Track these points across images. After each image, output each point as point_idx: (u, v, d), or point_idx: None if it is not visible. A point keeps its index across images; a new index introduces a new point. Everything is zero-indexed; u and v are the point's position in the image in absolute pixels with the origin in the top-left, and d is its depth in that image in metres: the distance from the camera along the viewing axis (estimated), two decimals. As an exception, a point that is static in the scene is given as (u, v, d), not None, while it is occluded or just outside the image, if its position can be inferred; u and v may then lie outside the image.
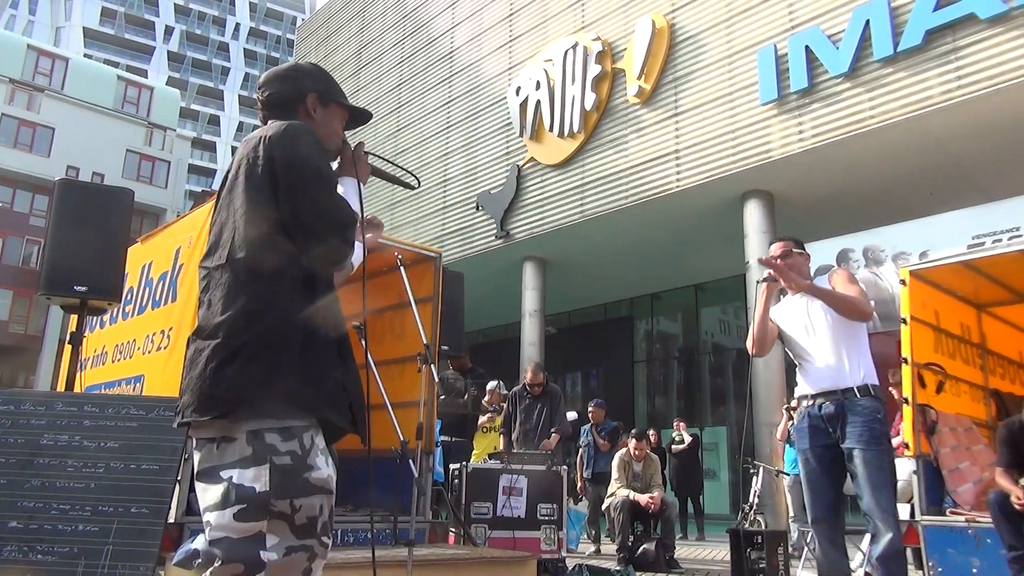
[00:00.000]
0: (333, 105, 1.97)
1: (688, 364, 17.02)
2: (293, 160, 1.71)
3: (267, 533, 1.54)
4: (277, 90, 1.93)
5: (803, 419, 3.51)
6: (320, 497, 1.60)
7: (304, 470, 1.59)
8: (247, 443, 1.58)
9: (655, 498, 6.96)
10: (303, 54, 21.93)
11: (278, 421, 1.59)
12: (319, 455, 1.63)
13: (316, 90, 1.94)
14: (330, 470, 1.65)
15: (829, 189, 10.80)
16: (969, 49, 8.57)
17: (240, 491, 1.55)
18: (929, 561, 4.46)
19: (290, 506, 1.56)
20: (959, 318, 5.54)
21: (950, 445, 4.86)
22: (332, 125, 1.96)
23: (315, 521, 1.59)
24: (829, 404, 3.39)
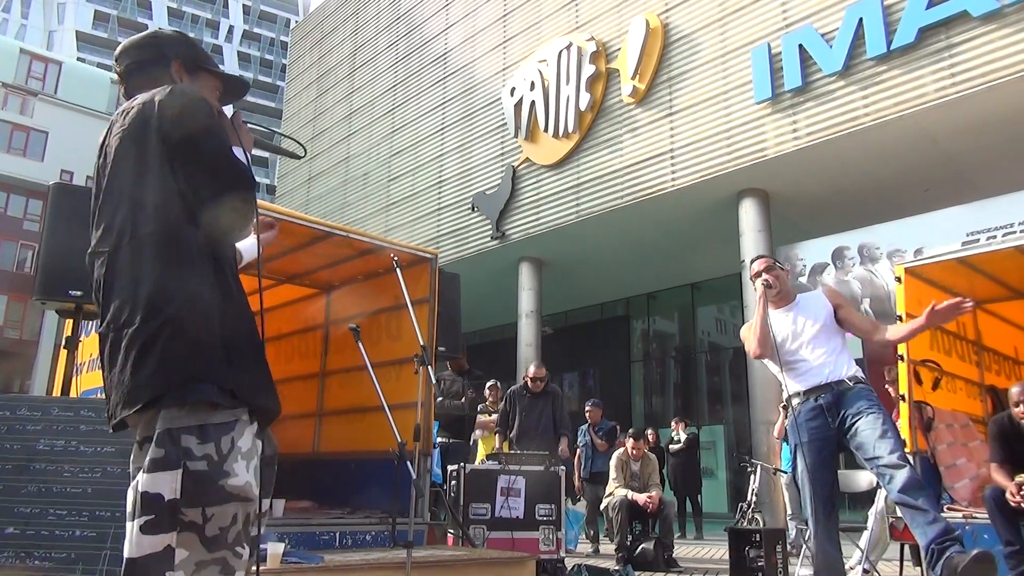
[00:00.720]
0: (202, 73, 1.81)
1: (685, 363, 17.04)
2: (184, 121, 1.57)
3: (176, 548, 1.41)
4: (136, 59, 1.77)
5: (800, 414, 3.63)
6: (235, 505, 1.47)
7: (220, 476, 1.46)
8: (159, 444, 1.45)
9: (653, 497, 6.96)
10: (297, 56, 21.91)
11: (197, 419, 1.46)
12: (238, 460, 1.49)
13: (180, 56, 1.78)
14: (249, 476, 1.51)
15: (824, 187, 10.82)
16: (962, 46, 8.60)
17: (145, 499, 1.42)
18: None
19: (202, 515, 1.43)
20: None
21: (947, 442, 4.87)
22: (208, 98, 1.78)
23: (227, 531, 1.46)
24: (826, 395, 3.59)
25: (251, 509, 1.52)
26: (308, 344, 6.49)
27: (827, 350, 3.66)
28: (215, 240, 1.61)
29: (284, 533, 4.00)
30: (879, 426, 3.39)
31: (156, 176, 1.56)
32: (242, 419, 1.54)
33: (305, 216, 5.37)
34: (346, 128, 18.51)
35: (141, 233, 1.54)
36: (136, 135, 1.60)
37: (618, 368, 17.56)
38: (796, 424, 3.64)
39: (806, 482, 3.54)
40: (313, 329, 6.44)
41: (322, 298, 6.37)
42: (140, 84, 1.74)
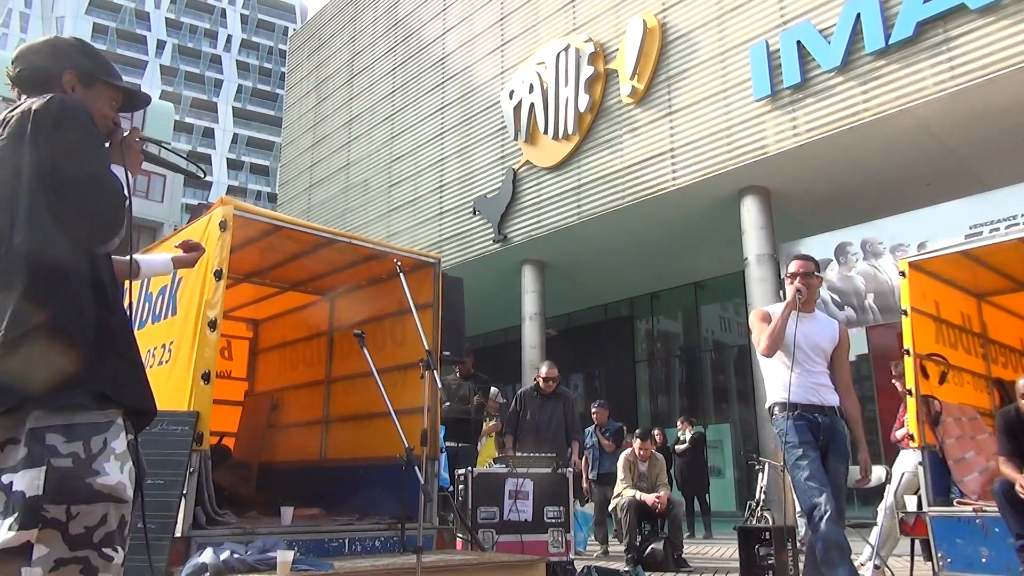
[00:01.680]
0: (99, 84, 1.77)
1: (690, 362, 17.03)
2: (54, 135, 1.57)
3: (36, 543, 1.40)
4: (29, 65, 1.74)
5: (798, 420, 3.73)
6: (104, 505, 1.46)
7: (88, 475, 1.44)
8: (25, 444, 1.44)
9: (661, 497, 6.95)
10: (295, 64, 21.96)
11: (64, 418, 1.46)
12: (110, 460, 1.48)
13: (75, 67, 1.74)
14: (122, 476, 1.50)
15: (825, 183, 10.81)
16: (961, 39, 8.59)
17: (13, 497, 1.42)
18: (938, 552, 4.46)
19: (66, 513, 1.42)
20: (959, 308, 5.55)
21: (955, 435, 4.86)
22: (97, 106, 1.75)
23: (92, 531, 1.44)
24: (824, 416, 3.75)
25: (124, 511, 1.51)
26: (313, 351, 6.49)
27: (825, 371, 3.83)
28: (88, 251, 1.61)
29: (293, 541, 4.00)
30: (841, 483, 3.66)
31: (27, 187, 1.56)
32: (116, 422, 1.54)
33: (307, 223, 5.38)
34: (346, 134, 18.54)
35: (14, 243, 1.55)
36: (11, 145, 1.60)
37: (623, 369, 17.55)
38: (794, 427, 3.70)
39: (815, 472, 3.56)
40: (317, 336, 6.45)
41: (326, 305, 6.38)
42: (30, 91, 1.72)
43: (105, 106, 1.78)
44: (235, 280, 5.92)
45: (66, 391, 1.47)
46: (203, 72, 54.47)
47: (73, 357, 1.49)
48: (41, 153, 1.56)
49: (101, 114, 1.77)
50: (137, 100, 1.88)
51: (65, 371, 1.47)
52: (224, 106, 54.37)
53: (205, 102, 53.84)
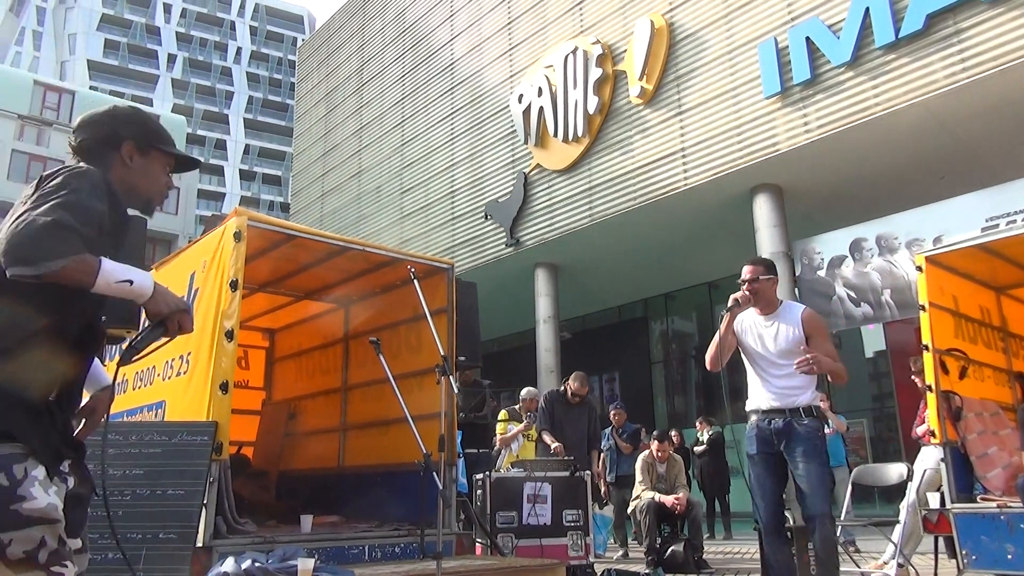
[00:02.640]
0: (154, 151, 1.87)
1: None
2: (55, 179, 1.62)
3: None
4: (91, 135, 1.82)
5: (752, 429, 3.87)
6: (39, 528, 1.50)
7: (13, 501, 1.49)
8: None
9: (680, 499, 6.91)
10: (305, 74, 22.09)
11: None
12: (35, 485, 1.52)
13: (133, 136, 1.84)
14: (51, 499, 1.54)
15: (838, 179, 10.75)
16: (971, 31, 8.52)
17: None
18: (962, 549, 4.41)
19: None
20: (978, 302, 5.49)
21: (977, 431, 4.81)
22: (152, 173, 1.87)
23: (35, 553, 1.50)
24: (778, 421, 3.75)
25: (59, 530, 1.55)
26: (329, 359, 6.52)
27: (790, 373, 3.75)
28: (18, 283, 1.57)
29: (314, 549, 4.01)
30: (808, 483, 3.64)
31: None
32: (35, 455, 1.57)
33: (321, 232, 5.40)
34: (357, 143, 18.62)
35: None
36: None
37: (639, 370, 17.49)
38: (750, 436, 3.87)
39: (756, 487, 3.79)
40: (333, 344, 6.47)
41: (341, 313, 6.40)
42: (90, 160, 1.79)
43: (160, 171, 1.89)
44: (250, 290, 5.96)
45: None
46: (214, 85, 54.88)
47: None
48: None
49: (155, 180, 1.88)
50: (188, 164, 2.00)
51: None
52: (235, 118, 54.75)
53: (216, 114, 54.24)
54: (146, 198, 1.88)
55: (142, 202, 1.89)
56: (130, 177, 1.83)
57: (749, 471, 3.85)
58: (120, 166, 1.82)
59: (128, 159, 1.83)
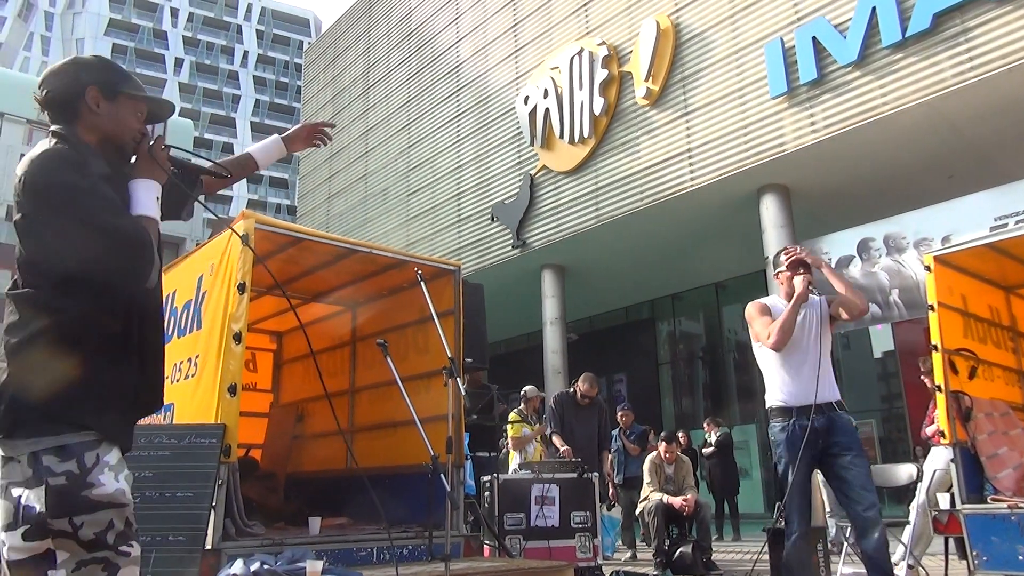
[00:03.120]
0: (121, 97, 1.83)
1: (713, 363, 16.91)
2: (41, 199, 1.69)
3: (57, 550, 1.56)
4: (53, 86, 1.80)
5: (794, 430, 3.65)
6: (107, 512, 1.60)
7: (83, 488, 1.59)
8: (28, 464, 1.59)
9: (689, 500, 6.89)
10: (311, 77, 22.15)
11: (56, 439, 1.60)
12: (104, 471, 1.63)
13: (97, 82, 1.80)
14: (119, 484, 1.64)
15: (845, 179, 10.71)
16: (979, 30, 8.48)
17: (25, 512, 1.58)
18: (973, 550, 4.38)
19: (70, 524, 1.57)
20: (987, 301, 5.47)
21: (987, 431, 4.78)
22: (121, 118, 1.82)
23: (104, 534, 1.59)
24: (819, 417, 3.64)
25: (127, 513, 1.65)
26: (336, 362, 6.53)
27: (823, 366, 3.67)
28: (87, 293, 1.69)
29: (322, 551, 4.02)
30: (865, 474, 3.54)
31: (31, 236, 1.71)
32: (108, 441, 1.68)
33: (327, 234, 5.41)
34: (363, 145, 18.66)
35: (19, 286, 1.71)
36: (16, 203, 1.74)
37: (646, 371, 17.47)
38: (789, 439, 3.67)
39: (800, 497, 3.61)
40: (341, 347, 6.48)
41: (348, 315, 6.41)
42: (57, 113, 1.81)
43: (130, 118, 1.84)
44: (258, 293, 5.97)
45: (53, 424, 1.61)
46: (221, 88, 55.11)
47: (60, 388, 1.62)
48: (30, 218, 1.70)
49: (126, 126, 1.83)
50: (161, 110, 1.94)
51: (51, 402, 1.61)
52: (242, 121, 54.96)
53: (223, 118, 54.48)
54: (117, 144, 1.84)
55: (116, 149, 1.84)
56: (99, 123, 1.80)
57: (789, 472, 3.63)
58: (88, 113, 1.79)
59: (94, 105, 1.79)
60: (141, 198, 1.76)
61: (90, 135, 1.80)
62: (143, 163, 1.81)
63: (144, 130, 1.87)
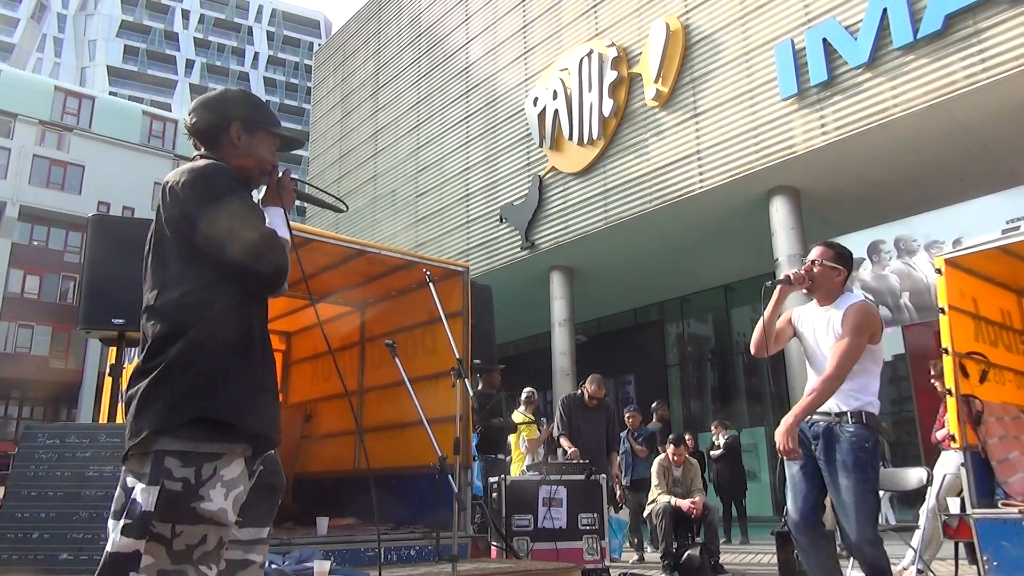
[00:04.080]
0: (260, 132, 1.98)
1: (722, 366, 16.86)
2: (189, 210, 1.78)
3: (144, 553, 1.59)
4: (202, 118, 1.96)
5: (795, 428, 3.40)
6: (206, 527, 1.63)
7: (193, 499, 1.63)
8: (151, 461, 1.65)
9: (697, 503, 6.87)
10: (321, 78, 22.22)
11: (182, 446, 1.65)
12: (216, 487, 1.65)
13: (240, 118, 1.96)
14: (225, 504, 1.66)
15: (856, 181, 10.67)
16: (991, 31, 8.43)
17: (132, 506, 1.63)
18: (983, 555, 4.35)
19: (171, 530, 1.60)
20: (999, 304, 5.43)
21: (998, 435, 4.75)
22: (257, 152, 1.97)
23: (193, 549, 1.62)
24: (819, 424, 3.38)
25: (223, 534, 1.67)
26: (345, 362, 6.54)
27: None
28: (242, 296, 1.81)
29: (329, 551, 4.03)
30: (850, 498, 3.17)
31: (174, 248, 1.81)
32: (235, 452, 1.71)
33: (337, 235, 5.43)
34: (372, 147, 18.71)
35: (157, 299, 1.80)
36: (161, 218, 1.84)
37: (654, 373, 17.43)
38: None
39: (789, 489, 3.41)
40: (349, 347, 6.50)
41: (357, 316, 6.43)
42: (203, 141, 1.96)
43: (266, 151, 2.00)
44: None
45: (187, 425, 1.66)
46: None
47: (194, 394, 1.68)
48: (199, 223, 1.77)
49: (261, 159, 1.99)
50: (293, 143, 2.12)
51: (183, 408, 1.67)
52: (252, 122, 55.16)
53: (234, 119, 54.66)
54: (249, 174, 1.97)
55: (246, 180, 1.97)
56: (237, 155, 1.94)
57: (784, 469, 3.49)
58: (229, 145, 1.94)
59: (236, 139, 1.94)
60: (274, 222, 1.89)
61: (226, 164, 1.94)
62: (273, 192, 1.97)
63: (275, 162, 2.02)
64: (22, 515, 3.54)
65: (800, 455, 3.33)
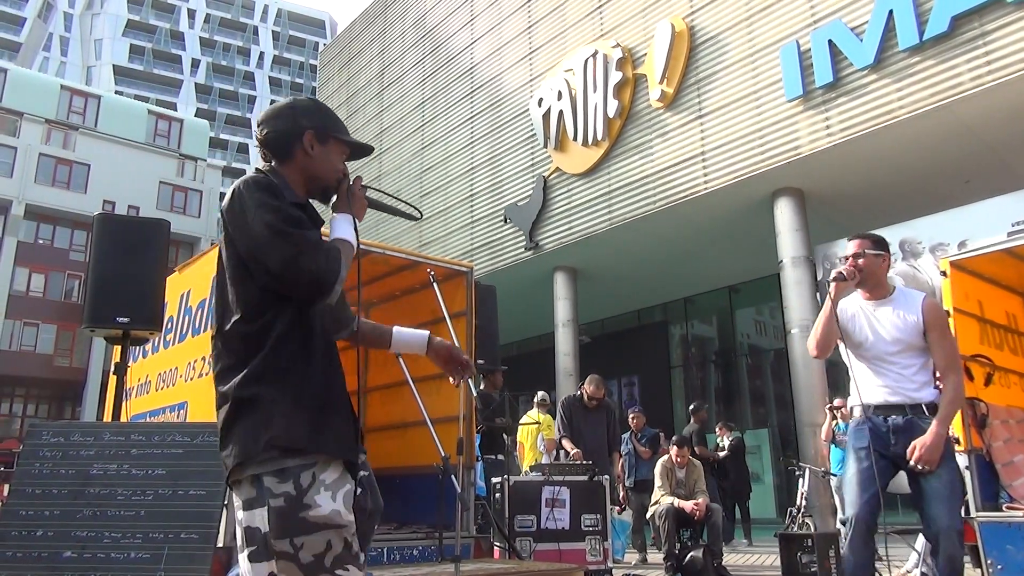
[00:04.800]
0: (331, 141, 1.97)
1: (725, 367, 16.84)
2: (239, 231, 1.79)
3: (278, 573, 1.62)
4: (273, 128, 1.94)
5: (864, 423, 3.37)
6: (325, 533, 1.63)
7: (300, 509, 1.63)
8: (251, 486, 1.67)
9: (700, 504, 6.86)
10: (326, 78, 22.25)
11: (275, 464, 1.66)
12: (320, 491, 1.65)
13: (313, 127, 1.94)
14: (336, 505, 1.66)
15: (861, 183, 10.65)
16: (997, 33, 8.41)
17: (248, 533, 1.65)
18: (987, 559, 4.33)
19: (291, 545, 1.61)
20: (1004, 307, 5.41)
21: (1003, 438, 4.73)
22: (330, 161, 1.97)
23: (322, 557, 1.62)
24: (897, 418, 3.31)
25: (346, 534, 1.66)
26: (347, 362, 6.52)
27: (909, 364, 3.34)
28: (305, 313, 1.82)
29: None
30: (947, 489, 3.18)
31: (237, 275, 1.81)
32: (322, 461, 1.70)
33: (341, 235, 5.42)
34: (376, 146, 18.72)
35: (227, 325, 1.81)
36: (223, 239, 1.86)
37: (658, 374, 17.41)
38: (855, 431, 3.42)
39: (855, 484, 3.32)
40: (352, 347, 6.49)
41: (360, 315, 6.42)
42: (274, 152, 1.95)
43: (337, 160, 1.99)
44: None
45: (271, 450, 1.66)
46: (237, 89, 55.46)
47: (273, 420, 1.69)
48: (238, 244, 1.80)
49: (333, 167, 1.97)
50: (362, 151, 2.10)
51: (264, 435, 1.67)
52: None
53: (239, 118, 54.81)
54: (322, 184, 1.97)
55: (321, 189, 1.97)
56: (310, 164, 1.93)
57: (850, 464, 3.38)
58: (302, 155, 1.93)
59: (309, 148, 1.93)
60: (340, 227, 1.91)
61: (298, 174, 1.93)
62: (344, 201, 1.97)
63: (345, 170, 2.00)
64: (26, 512, 3.55)
65: None
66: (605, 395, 7.26)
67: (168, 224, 4.73)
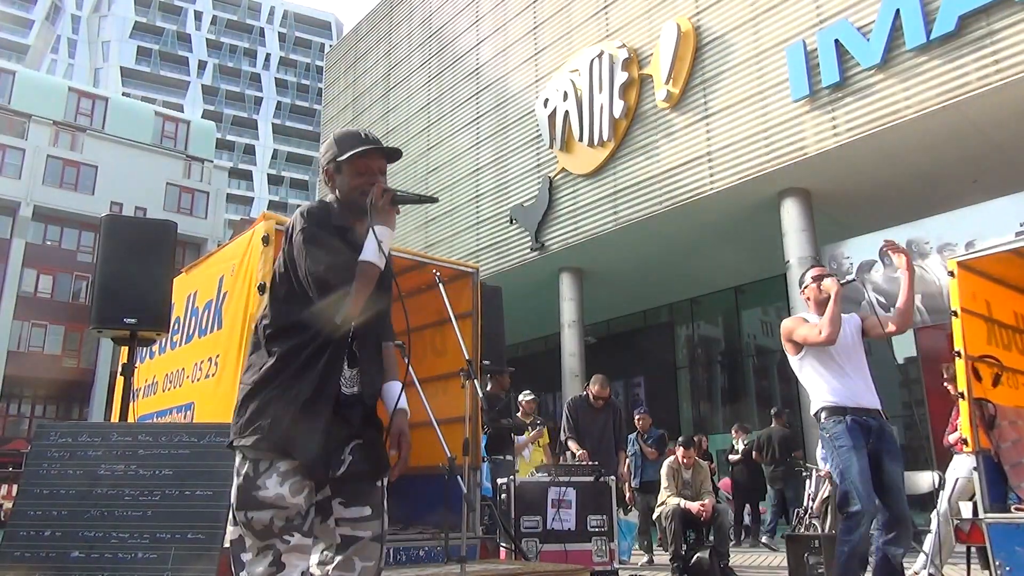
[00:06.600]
0: (343, 166, 2.14)
1: (732, 368, 16.79)
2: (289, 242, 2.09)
3: (246, 538, 1.96)
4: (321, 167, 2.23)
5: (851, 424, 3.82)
6: (269, 511, 1.93)
7: (253, 489, 1.95)
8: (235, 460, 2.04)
9: (706, 505, 6.84)
10: (332, 80, 22.29)
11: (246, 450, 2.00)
12: (271, 477, 1.95)
13: (328, 162, 2.17)
14: (282, 489, 1.94)
15: (868, 183, 10.61)
16: (1004, 32, 8.38)
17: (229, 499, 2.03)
18: (996, 560, 4.31)
19: (245, 517, 1.95)
20: (1012, 307, 5.39)
21: (1011, 439, 4.71)
22: (346, 184, 2.14)
23: (269, 527, 1.93)
24: (872, 419, 3.84)
25: (288, 514, 1.94)
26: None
27: (867, 374, 3.91)
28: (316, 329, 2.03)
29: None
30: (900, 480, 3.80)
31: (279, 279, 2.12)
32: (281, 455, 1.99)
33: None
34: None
35: None
36: None
37: (664, 375, 17.39)
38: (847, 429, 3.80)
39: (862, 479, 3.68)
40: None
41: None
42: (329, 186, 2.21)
43: (352, 179, 2.14)
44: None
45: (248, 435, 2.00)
46: (243, 90, 55.60)
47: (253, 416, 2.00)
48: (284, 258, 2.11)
49: (353, 188, 2.13)
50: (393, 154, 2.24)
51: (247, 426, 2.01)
52: (264, 123, 55.42)
53: (245, 119, 54.95)
54: (356, 207, 2.11)
55: (357, 211, 2.11)
56: (341, 194, 2.16)
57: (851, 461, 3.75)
58: (333, 187, 2.18)
59: (329, 181, 2.19)
60: (367, 246, 2.02)
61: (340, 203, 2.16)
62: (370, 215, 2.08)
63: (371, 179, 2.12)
64: (34, 513, 3.57)
65: None
66: (611, 395, 7.26)
67: (175, 225, 4.75)
